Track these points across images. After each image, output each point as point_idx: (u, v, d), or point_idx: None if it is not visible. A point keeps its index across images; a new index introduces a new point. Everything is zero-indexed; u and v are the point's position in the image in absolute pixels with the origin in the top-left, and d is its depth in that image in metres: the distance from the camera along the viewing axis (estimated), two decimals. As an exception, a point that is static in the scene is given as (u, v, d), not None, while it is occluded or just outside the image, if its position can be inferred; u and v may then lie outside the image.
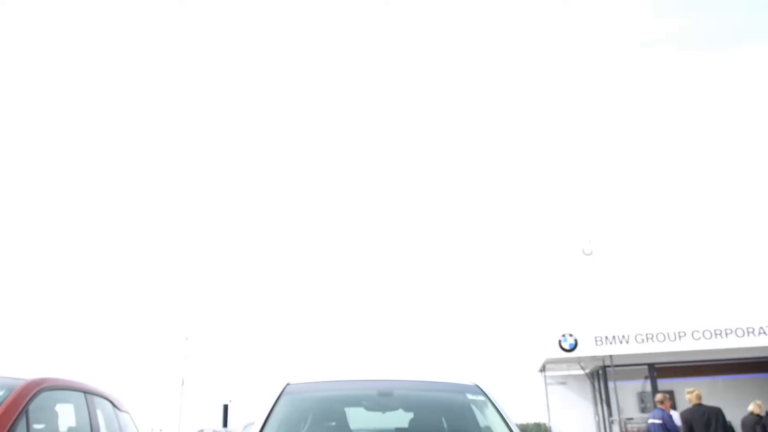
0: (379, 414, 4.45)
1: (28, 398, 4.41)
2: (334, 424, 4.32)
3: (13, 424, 4.12)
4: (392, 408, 4.47)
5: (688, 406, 12.39)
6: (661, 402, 12.07)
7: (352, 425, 4.28)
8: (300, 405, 4.39)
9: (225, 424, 24.06)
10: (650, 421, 12.01)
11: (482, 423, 4.23)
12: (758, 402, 12.65)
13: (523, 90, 53.96)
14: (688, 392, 11.45)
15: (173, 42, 57.57)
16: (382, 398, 4.43)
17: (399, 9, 53.18)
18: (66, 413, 5.34)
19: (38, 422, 4.57)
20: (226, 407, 25.08)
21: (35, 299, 55.56)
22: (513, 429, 3.99)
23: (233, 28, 52.58)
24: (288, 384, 4.47)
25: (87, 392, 5.53)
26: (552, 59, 49.81)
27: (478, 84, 54.63)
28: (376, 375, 4.74)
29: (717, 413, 10.83)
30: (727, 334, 16.58)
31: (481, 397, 4.37)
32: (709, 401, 13.12)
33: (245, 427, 12.35)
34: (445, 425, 4.26)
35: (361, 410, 4.49)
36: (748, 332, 16.54)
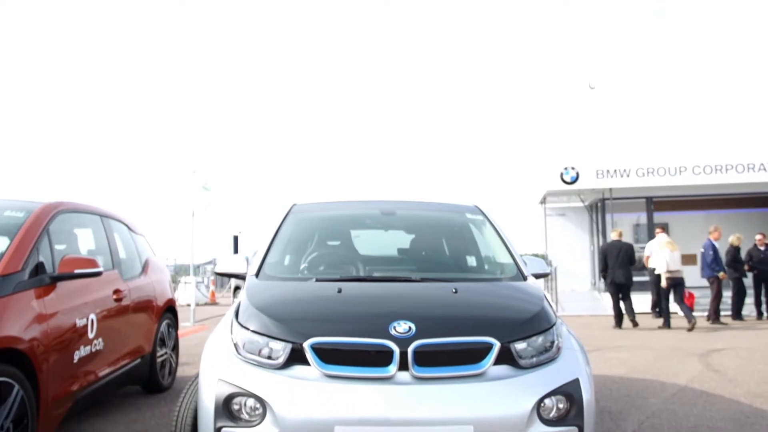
0: (381, 232, 4.64)
1: (47, 219, 4.44)
2: (339, 242, 4.47)
3: (35, 243, 4.17)
4: (395, 227, 4.64)
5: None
6: (711, 233, 13.10)
7: (357, 244, 4.41)
8: (306, 224, 4.52)
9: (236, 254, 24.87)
10: (702, 250, 13.14)
11: (480, 241, 4.40)
12: (738, 235, 13.36)
13: None
14: (612, 231, 13.31)
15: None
16: (385, 217, 4.57)
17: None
18: (85, 235, 5.42)
19: (59, 243, 4.64)
20: (236, 238, 25.89)
21: (48, 132, 55.81)
22: (509, 246, 4.17)
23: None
24: (294, 204, 4.60)
25: (103, 215, 5.62)
26: None
27: None
28: (381, 197, 4.91)
29: (627, 248, 12.45)
30: (727, 169, 16.68)
31: (480, 217, 4.52)
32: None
33: (255, 254, 12.81)
34: (444, 243, 4.44)
35: (365, 229, 4.68)
36: (748, 168, 16.64)
